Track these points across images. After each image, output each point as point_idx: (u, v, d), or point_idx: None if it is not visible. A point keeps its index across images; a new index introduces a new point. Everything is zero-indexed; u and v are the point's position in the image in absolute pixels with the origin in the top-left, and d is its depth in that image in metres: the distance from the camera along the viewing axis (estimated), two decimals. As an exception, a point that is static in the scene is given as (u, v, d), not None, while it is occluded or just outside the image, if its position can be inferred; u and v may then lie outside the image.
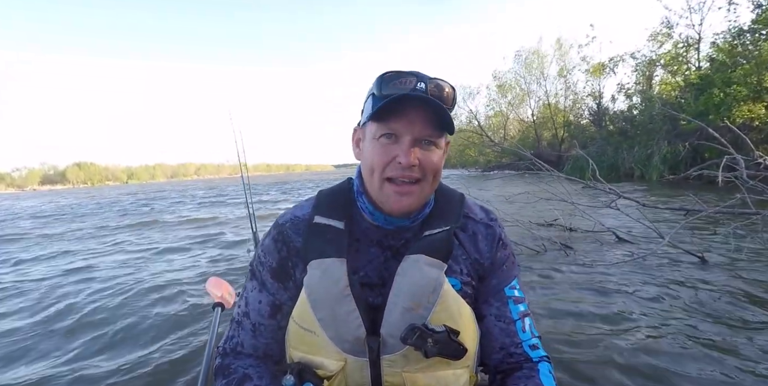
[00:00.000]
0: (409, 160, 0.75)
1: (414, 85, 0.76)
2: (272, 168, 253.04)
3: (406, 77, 0.77)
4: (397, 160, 0.76)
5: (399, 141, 0.77)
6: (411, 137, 0.76)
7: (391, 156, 0.77)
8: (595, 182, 4.09)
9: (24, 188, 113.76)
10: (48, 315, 3.01)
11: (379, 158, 0.78)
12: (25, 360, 2.31)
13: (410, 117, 0.75)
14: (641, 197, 8.02)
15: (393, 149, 0.77)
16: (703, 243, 3.89)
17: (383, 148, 0.78)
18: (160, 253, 5.25)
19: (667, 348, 2.00)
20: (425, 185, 0.80)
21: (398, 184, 0.78)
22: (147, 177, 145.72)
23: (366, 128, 0.82)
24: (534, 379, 0.81)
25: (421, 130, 0.76)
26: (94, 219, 10.26)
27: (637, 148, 14.98)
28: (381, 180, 0.79)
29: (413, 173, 0.77)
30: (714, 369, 1.81)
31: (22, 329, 2.77)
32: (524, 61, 28.46)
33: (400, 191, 0.78)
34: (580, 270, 3.35)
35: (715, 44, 14.68)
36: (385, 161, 0.77)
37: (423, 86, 0.76)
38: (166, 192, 25.61)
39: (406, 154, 0.75)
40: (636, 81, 19.48)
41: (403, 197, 0.79)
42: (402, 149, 0.76)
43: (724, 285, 2.83)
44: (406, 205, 0.80)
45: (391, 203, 0.80)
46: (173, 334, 2.51)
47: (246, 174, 2.52)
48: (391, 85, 0.77)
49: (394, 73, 0.78)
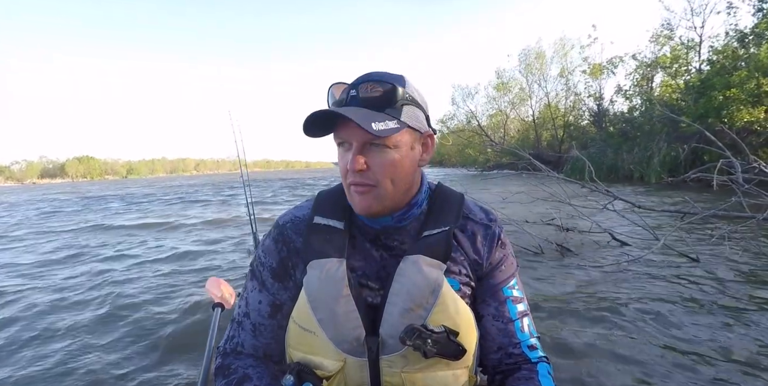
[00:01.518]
0: (354, 165, 0.76)
1: (348, 94, 0.79)
2: (272, 164, 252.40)
3: (342, 86, 0.81)
4: (347, 166, 0.78)
5: (349, 148, 0.79)
6: (357, 143, 0.77)
7: (345, 162, 0.79)
8: (592, 184, 4.10)
9: (23, 181, 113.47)
10: (47, 315, 3.00)
11: (341, 165, 0.81)
12: (24, 359, 2.31)
13: (348, 125, 0.76)
14: (639, 199, 8.04)
15: (347, 156, 0.79)
16: (698, 246, 3.91)
17: (341, 156, 0.81)
18: (160, 253, 5.26)
19: (662, 350, 2.01)
20: (381, 188, 0.79)
21: (357, 186, 0.80)
22: (146, 172, 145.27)
23: None
24: (533, 380, 0.81)
25: (361, 135, 0.76)
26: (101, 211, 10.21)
27: (637, 150, 14.99)
28: (348, 185, 0.82)
29: (365, 179, 0.78)
30: (708, 369, 1.83)
31: (19, 330, 2.76)
32: (525, 61, 28.40)
33: (357, 190, 0.80)
34: (576, 271, 3.37)
35: (714, 48, 14.68)
36: (344, 167, 0.80)
37: (354, 93, 0.78)
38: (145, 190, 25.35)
39: (352, 161, 0.77)
40: (636, 83, 19.47)
41: (362, 197, 0.80)
42: (349, 155, 0.78)
43: (718, 287, 2.85)
44: (366, 206, 0.80)
45: (355, 205, 0.82)
46: (173, 334, 2.51)
47: (246, 174, 2.51)
48: (333, 96, 0.82)
49: (334, 84, 0.83)
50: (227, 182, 29.87)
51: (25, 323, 2.88)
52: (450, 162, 42.74)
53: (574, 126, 25.82)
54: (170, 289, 3.48)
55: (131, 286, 3.64)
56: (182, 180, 46.10)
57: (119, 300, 3.23)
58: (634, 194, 9.64)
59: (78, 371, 2.13)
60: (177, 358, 2.20)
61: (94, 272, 4.28)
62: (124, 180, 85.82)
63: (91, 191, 26.45)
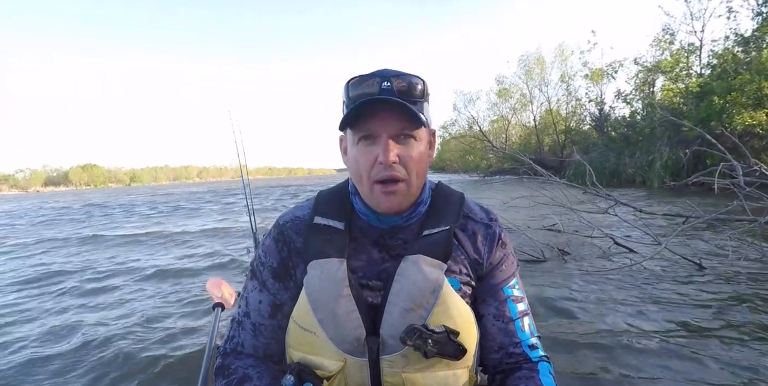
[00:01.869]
0: (388, 157, 0.75)
1: (379, 86, 0.77)
2: (274, 171, 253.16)
3: (370, 79, 0.78)
4: (378, 159, 0.77)
5: (377, 141, 0.78)
6: (387, 134, 0.77)
7: (373, 157, 0.77)
8: (592, 188, 4.10)
9: (27, 189, 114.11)
10: (46, 315, 3.02)
11: (364, 162, 0.79)
12: (23, 359, 2.31)
13: (382, 116, 0.76)
14: (641, 203, 8.02)
15: (373, 150, 0.78)
16: (701, 250, 3.89)
17: (364, 150, 0.79)
18: (159, 253, 5.26)
19: (662, 353, 2.00)
20: (409, 182, 0.80)
21: (386, 184, 0.79)
22: (150, 179, 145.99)
23: (346, 136, 0.84)
24: (534, 379, 0.80)
25: (395, 126, 0.77)
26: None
27: (639, 154, 14.95)
28: (370, 184, 0.80)
29: (396, 172, 0.78)
30: (708, 374, 1.82)
31: (17, 330, 2.77)
32: (525, 67, 28.48)
33: (385, 190, 0.79)
34: (577, 276, 3.35)
35: (714, 52, 14.70)
36: (370, 163, 0.78)
37: (388, 85, 0.76)
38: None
39: (385, 152, 0.76)
40: (636, 87, 19.50)
41: (389, 196, 0.80)
42: (380, 147, 0.77)
43: (720, 292, 2.83)
44: (396, 203, 0.81)
45: (381, 204, 0.81)
46: (173, 334, 2.52)
47: (246, 175, 2.53)
48: (358, 89, 0.78)
49: (358, 78, 0.79)
50: (231, 189, 29.91)
51: (24, 323, 2.89)
52: (452, 168, 42.78)
53: (576, 131, 25.82)
54: (170, 289, 3.48)
55: (131, 286, 3.65)
56: (184, 188, 46.23)
57: (119, 300, 3.24)
58: (636, 198, 9.62)
59: (77, 371, 2.13)
60: (177, 358, 2.20)
61: (94, 271, 4.30)
62: (126, 188, 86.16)
63: (92, 198, 26.54)
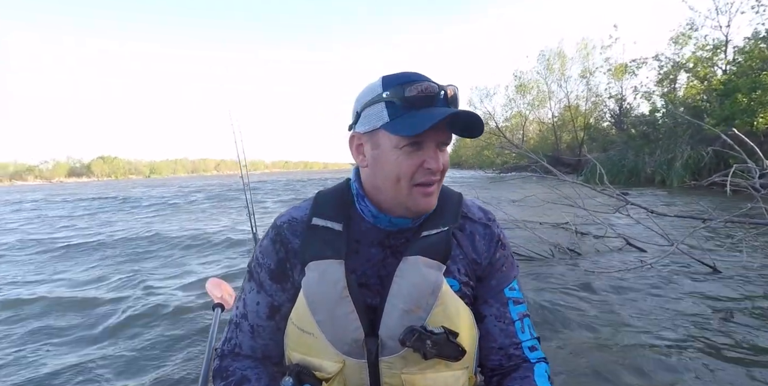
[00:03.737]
0: (438, 165, 0.78)
1: (437, 92, 0.76)
2: (290, 165, 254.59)
3: (425, 83, 0.76)
4: (426, 166, 0.77)
5: (423, 147, 0.77)
6: (435, 142, 0.78)
7: (419, 162, 0.77)
8: (604, 187, 4.04)
9: (51, 180, 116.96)
10: (46, 315, 3.04)
11: (407, 166, 0.78)
12: (23, 359, 2.33)
13: (439, 126, 0.75)
14: (659, 203, 7.86)
15: (419, 156, 0.77)
16: (716, 252, 3.81)
17: (408, 155, 0.77)
18: (159, 253, 5.33)
19: (670, 358, 1.97)
20: (440, 184, 0.84)
21: (425, 186, 0.80)
22: (168, 172, 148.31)
23: (379, 137, 0.80)
24: (529, 379, 0.81)
25: (444, 135, 0.78)
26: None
27: (659, 152, 14.62)
28: (410, 187, 0.79)
29: (437, 176, 0.80)
30: (719, 380, 1.79)
31: (17, 330, 2.79)
32: (545, 62, 28.04)
33: (426, 192, 0.80)
34: (587, 276, 3.31)
35: (740, 48, 14.23)
36: (414, 168, 0.78)
37: (443, 93, 0.77)
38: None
39: (436, 160, 0.77)
40: (658, 83, 19.05)
41: (429, 198, 0.81)
42: (429, 154, 0.77)
43: (734, 295, 2.77)
44: (433, 204, 0.83)
45: (420, 204, 0.81)
46: (173, 335, 2.53)
47: (246, 174, 2.52)
48: (415, 91, 0.76)
49: (411, 80, 0.77)
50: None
51: (24, 322, 2.93)
52: (468, 164, 42.49)
53: (595, 128, 25.37)
54: (170, 289, 3.51)
55: (131, 286, 3.68)
56: (217, 180, 46.48)
57: (119, 300, 3.27)
58: (656, 198, 9.43)
59: (77, 371, 2.14)
60: (177, 359, 2.22)
61: (94, 271, 4.34)
62: (148, 180, 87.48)
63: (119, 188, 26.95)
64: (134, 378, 2.07)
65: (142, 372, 2.11)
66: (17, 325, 2.89)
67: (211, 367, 0.91)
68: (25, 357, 2.36)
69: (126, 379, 2.06)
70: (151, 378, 2.05)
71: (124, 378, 2.07)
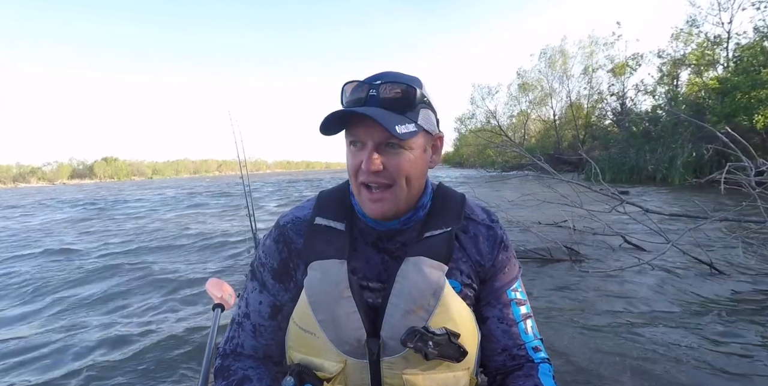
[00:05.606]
0: (369, 166, 0.75)
1: (367, 93, 0.77)
2: (293, 165, 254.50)
3: (360, 86, 0.78)
4: (362, 167, 0.77)
5: (364, 147, 0.77)
6: (372, 142, 0.76)
7: (359, 161, 0.78)
8: (600, 186, 4.04)
9: (54, 182, 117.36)
10: (46, 315, 3.05)
11: (351, 164, 0.80)
12: (24, 359, 2.34)
13: (366, 125, 0.75)
14: (659, 201, 7.84)
15: (360, 155, 0.78)
16: (713, 250, 3.80)
17: (353, 154, 0.79)
18: (159, 252, 5.34)
19: (670, 357, 1.97)
20: (398, 190, 0.79)
21: (371, 190, 0.79)
22: (171, 173, 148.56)
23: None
24: (532, 378, 0.81)
25: (380, 135, 0.75)
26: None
27: (660, 150, 14.60)
28: (358, 185, 0.81)
29: (380, 178, 0.77)
30: (716, 379, 1.79)
31: (18, 329, 2.81)
32: (547, 60, 28.01)
33: (372, 197, 0.79)
34: (586, 275, 3.31)
35: (741, 45, 14.18)
36: (356, 167, 0.79)
37: (374, 92, 0.76)
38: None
39: (367, 160, 0.76)
40: (659, 80, 19.00)
41: (375, 204, 0.79)
42: (364, 155, 0.77)
43: (730, 293, 2.77)
44: (380, 211, 0.80)
45: (366, 209, 0.81)
46: (173, 335, 2.54)
47: (246, 175, 2.54)
48: (348, 95, 0.79)
49: (350, 83, 0.80)
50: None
51: (24, 322, 2.94)
52: (469, 163, 42.45)
53: (596, 126, 25.32)
54: (170, 289, 3.51)
55: (131, 286, 3.69)
56: (223, 180, 46.69)
57: (119, 301, 3.28)
58: (656, 196, 9.40)
59: (76, 371, 2.15)
60: (177, 359, 2.23)
61: (94, 270, 4.36)
62: (150, 181, 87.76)
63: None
64: (134, 377, 2.07)
65: (141, 372, 2.12)
66: (15, 322, 2.90)
67: (212, 367, 0.91)
68: (21, 356, 2.37)
69: (126, 379, 2.06)
70: (151, 378, 2.06)
71: (124, 378, 2.07)
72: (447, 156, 56.73)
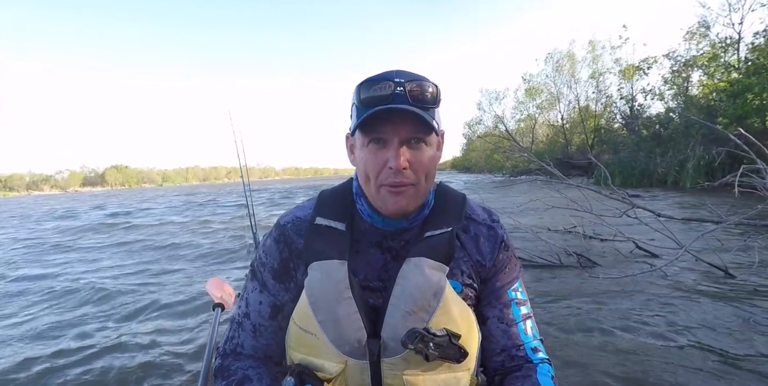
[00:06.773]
0: (398, 163, 0.75)
1: (393, 90, 0.76)
2: (301, 172, 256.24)
3: (383, 82, 0.77)
4: (388, 164, 0.76)
5: (387, 145, 0.77)
6: (398, 139, 0.76)
7: (382, 160, 0.77)
8: (610, 191, 3.98)
9: (66, 189, 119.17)
10: (42, 316, 3.06)
11: (372, 164, 0.78)
12: (18, 358, 2.35)
13: (394, 121, 0.76)
14: (671, 205, 7.73)
15: (383, 154, 0.77)
16: (728, 255, 3.71)
17: (374, 154, 0.78)
18: (158, 252, 5.36)
19: (680, 365, 1.93)
20: (419, 186, 0.80)
21: (394, 187, 0.78)
22: (181, 180, 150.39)
23: (356, 137, 0.83)
24: (531, 378, 0.80)
25: (407, 131, 0.76)
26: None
27: (671, 153, 14.42)
28: (377, 187, 0.80)
29: (405, 177, 0.77)
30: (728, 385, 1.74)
31: (21, 327, 2.83)
32: (555, 64, 27.93)
33: (395, 191, 0.78)
34: (595, 281, 3.26)
35: (752, 45, 14.02)
36: (379, 166, 0.78)
37: (401, 90, 0.76)
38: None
39: (396, 157, 0.75)
40: (669, 82, 18.84)
41: (398, 197, 0.79)
42: (391, 152, 0.76)
43: (745, 301, 2.70)
44: (404, 205, 0.79)
45: (388, 205, 0.80)
46: (173, 335, 2.54)
47: (246, 175, 2.57)
48: (369, 91, 0.77)
49: (371, 81, 0.78)
50: (259, 190, 30.43)
51: (24, 321, 2.95)
52: (477, 168, 42.35)
53: (605, 129, 25.14)
54: (170, 289, 3.52)
55: (131, 286, 3.70)
56: (235, 187, 47.02)
57: (119, 301, 3.30)
58: (667, 199, 9.28)
59: (76, 371, 2.16)
60: (177, 359, 2.23)
61: (94, 270, 4.39)
62: (160, 188, 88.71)
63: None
64: (134, 378, 2.08)
65: (141, 372, 2.12)
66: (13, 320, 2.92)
67: (212, 366, 0.91)
68: (20, 356, 2.38)
69: (126, 379, 2.07)
70: (150, 378, 2.06)
71: (123, 378, 2.08)
72: (455, 161, 56.65)
